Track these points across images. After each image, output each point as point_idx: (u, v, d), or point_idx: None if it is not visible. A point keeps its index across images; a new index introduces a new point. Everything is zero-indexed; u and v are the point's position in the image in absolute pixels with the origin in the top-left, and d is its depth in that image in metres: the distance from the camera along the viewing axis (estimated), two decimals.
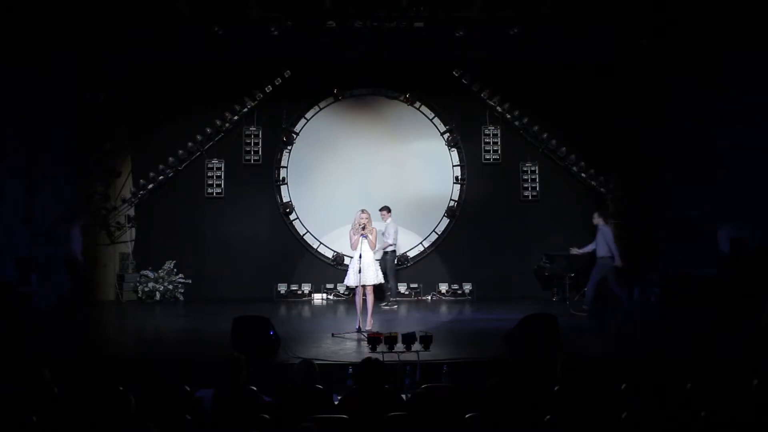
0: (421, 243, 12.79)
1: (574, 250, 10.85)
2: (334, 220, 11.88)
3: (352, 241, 8.64)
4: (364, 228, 8.55)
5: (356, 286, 8.61)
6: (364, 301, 8.62)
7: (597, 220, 10.58)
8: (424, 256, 12.81)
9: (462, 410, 4.32)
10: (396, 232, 11.52)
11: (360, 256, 8.46)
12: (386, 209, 11.49)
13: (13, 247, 10.42)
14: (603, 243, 10.33)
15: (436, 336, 6.99)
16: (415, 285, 12.57)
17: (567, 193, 12.86)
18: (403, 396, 5.05)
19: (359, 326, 8.45)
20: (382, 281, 9.06)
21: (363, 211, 8.72)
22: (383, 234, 11.21)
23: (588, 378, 4.59)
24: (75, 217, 10.36)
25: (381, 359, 5.24)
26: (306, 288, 12.45)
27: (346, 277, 8.85)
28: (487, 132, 12.84)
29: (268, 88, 12.55)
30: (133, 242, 12.61)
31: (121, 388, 4.01)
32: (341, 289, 12.19)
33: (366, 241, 8.55)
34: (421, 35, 11.33)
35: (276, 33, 11.15)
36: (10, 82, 10.37)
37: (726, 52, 10.70)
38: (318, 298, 12.33)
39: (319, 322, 9.83)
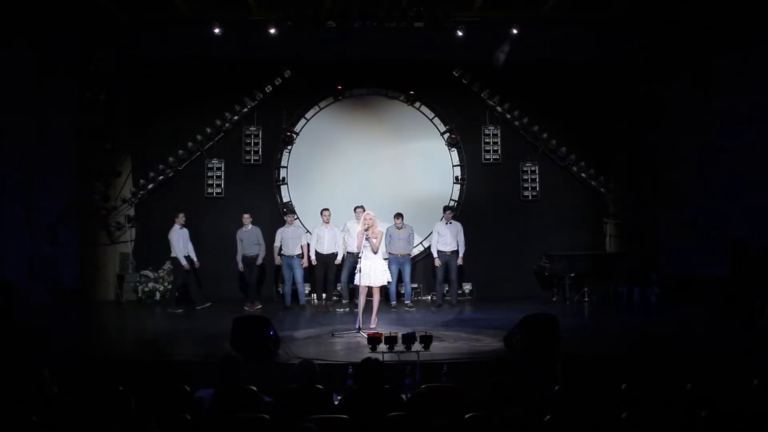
0: (421, 243, 12.77)
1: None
2: (334, 220, 11.84)
3: (357, 241, 8.64)
4: (368, 229, 8.53)
5: (359, 286, 8.61)
6: (368, 301, 8.61)
7: (448, 215, 11.54)
8: (424, 256, 12.80)
9: (462, 410, 4.32)
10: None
11: (366, 257, 8.46)
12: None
13: (13, 246, 10.40)
14: (453, 238, 11.34)
15: (436, 336, 6.99)
16: (415, 285, 12.54)
17: (567, 193, 12.86)
18: (403, 396, 5.04)
19: (359, 326, 8.45)
20: (386, 283, 9.01)
21: (366, 212, 8.71)
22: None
23: (588, 378, 4.59)
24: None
25: (381, 359, 5.24)
26: (306, 288, 12.42)
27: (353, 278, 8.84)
28: (487, 132, 12.83)
29: (268, 88, 12.55)
30: (133, 242, 12.60)
31: (121, 388, 4.00)
32: (339, 287, 12.16)
33: (369, 243, 8.53)
34: (421, 35, 11.32)
35: (276, 33, 11.14)
36: (9, 82, 10.35)
37: (726, 51, 10.69)
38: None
39: (319, 322, 9.83)
